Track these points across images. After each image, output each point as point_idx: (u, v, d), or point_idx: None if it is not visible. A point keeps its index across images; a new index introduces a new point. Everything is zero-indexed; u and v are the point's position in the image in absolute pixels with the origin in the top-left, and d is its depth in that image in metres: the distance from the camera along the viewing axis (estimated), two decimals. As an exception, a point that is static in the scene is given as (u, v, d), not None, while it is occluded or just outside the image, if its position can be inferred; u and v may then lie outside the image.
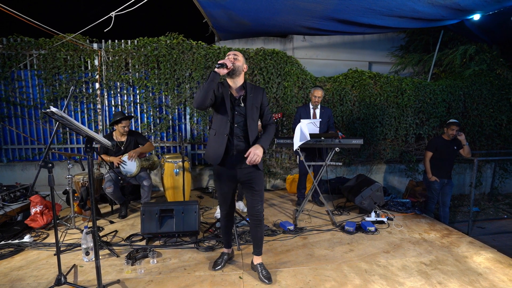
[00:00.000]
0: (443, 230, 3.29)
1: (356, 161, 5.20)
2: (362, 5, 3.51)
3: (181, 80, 4.64)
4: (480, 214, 4.96)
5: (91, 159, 1.79)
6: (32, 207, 3.18)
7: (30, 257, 2.59)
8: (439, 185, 3.90)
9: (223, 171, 2.17)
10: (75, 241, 2.85)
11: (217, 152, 2.11)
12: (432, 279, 2.29)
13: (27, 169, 4.46)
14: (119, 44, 4.52)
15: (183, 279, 2.26)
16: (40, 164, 1.82)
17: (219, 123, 2.11)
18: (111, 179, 3.36)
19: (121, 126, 3.45)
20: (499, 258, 2.63)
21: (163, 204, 2.92)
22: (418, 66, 5.98)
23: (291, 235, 3.05)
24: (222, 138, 2.09)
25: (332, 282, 2.24)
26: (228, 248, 2.50)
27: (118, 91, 4.63)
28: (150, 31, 4.72)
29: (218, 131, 2.11)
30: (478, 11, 3.93)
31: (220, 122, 2.10)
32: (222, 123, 2.10)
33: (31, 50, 4.32)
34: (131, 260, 2.44)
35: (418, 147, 5.34)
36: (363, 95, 4.96)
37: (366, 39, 6.08)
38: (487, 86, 5.23)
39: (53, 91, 4.42)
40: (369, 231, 3.13)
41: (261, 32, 5.00)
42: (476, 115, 5.30)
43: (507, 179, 5.69)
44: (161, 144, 4.82)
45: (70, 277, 2.23)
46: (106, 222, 3.37)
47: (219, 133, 2.11)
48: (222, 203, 2.29)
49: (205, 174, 4.91)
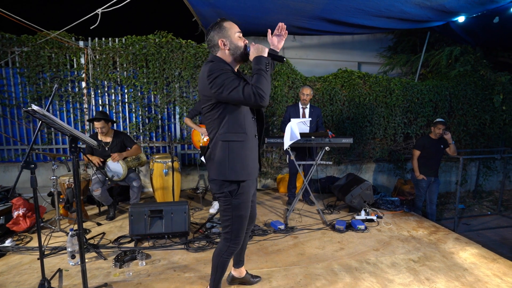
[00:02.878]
0: (431, 227, 3.36)
1: (346, 160, 5.25)
2: (351, 5, 3.55)
3: (170, 79, 4.57)
4: (466, 211, 5.09)
5: (76, 160, 1.74)
6: (14, 210, 3.06)
7: (12, 262, 2.49)
8: (426, 183, 3.97)
9: (252, 184, 1.75)
10: (61, 244, 2.76)
11: (255, 161, 1.73)
12: (420, 275, 2.33)
13: (10, 170, 4.31)
14: (106, 42, 4.42)
15: (173, 280, 2.22)
16: (21, 165, 1.74)
17: (247, 122, 1.66)
18: (99, 181, 3.28)
19: (95, 127, 3.35)
20: (484, 254, 2.70)
21: (152, 205, 2.87)
22: (406, 67, 6.09)
23: (282, 235, 3.05)
24: (254, 142, 1.71)
25: (323, 280, 2.25)
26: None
27: (106, 90, 4.53)
28: (139, 29, 4.63)
29: (248, 133, 1.67)
30: (463, 13, 4.03)
31: (246, 121, 1.65)
32: (248, 122, 1.67)
33: (13, 47, 4.17)
34: (119, 262, 2.39)
35: (406, 146, 5.44)
36: (353, 94, 5.01)
37: (355, 39, 6.14)
38: (472, 87, 5.38)
39: (36, 90, 4.28)
40: (359, 229, 3.16)
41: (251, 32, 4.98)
42: (461, 114, 5.44)
43: (490, 177, 5.86)
44: (150, 144, 4.74)
45: (55, 282, 2.16)
46: (93, 224, 3.29)
47: (250, 135, 1.68)
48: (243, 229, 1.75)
49: (195, 174, 4.86)
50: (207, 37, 1.65)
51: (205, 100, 1.60)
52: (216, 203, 3.77)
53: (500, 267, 2.46)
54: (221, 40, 1.62)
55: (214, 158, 1.64)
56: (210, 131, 1.67)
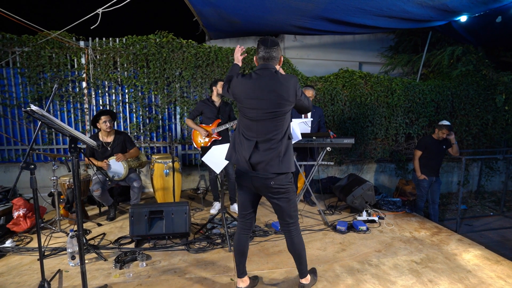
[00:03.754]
0: (433, 228, 3.33)
1: (347, 161, 5.23)
2: (353, 5, 3.53)
3: (171, 79, 4.56)
4: (468, 211, 5.06)
5: (76, 160, 1.72)
6: (14, 210, 3.06)
7: (12, 262, 2.48)
8: (428, 183, 3.95)
9: None
10: (61, 245, 2.75)
11: None
12: (423, 277, 2.31)
13: (10, 171, 4.30)
14: (107, 42, 4.41)
15: (173, 282, 2.20)
16: (21, 165, 1.73)
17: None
18: (99, 182, 3.26)
19: (102, 122, 3.28)
20: (487, 255, 2.68)
21: (152, 206, 2.85)
22: (407, 67, 6.06)
23: (283, 236, 3.01)
24: None
25: (324, 282, 2.23)
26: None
27: (106, 90, 4.52)
28: (139, 29, 4.63)
29: None
30: (465, 12, 4.00)
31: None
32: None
33: (14, 47, 4.16)
34: (120, 263, 2.37)
35: (407, 146, 5.41)
36: (354, 94, 4.99)
37: (356, 39, 6.12)
38: (474, 87, 5.35)
39: (37, 90, 4.27)
40: (360, 230, 3.14)
41: (252, 31, 4.97)
42: (464, 114, 5.41)
43: (493, 177, 5.83)
44: (150, 145, 4.73)
45: (55, 283, 2.15)
46: (94, 225, 3.28)
47: None
48: None
49: (195, 175, 4.84)
50: (275, 50, 1.84)
51: (285, 105, 1.81)
52: (217, 203, 3.76)
53: (504, 269, 2.44)
54: (282, 56, 1.94)
55: (286, 153, 1.83)
56: (278, 130, 1.83)
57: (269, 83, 1.78)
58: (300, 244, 1.99)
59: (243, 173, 1.89)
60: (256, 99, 1.80)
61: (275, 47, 1.83)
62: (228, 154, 1.98)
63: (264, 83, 1.79)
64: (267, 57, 1.83)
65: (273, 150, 1.81)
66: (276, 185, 1.82)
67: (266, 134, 1.82)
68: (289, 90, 1.79)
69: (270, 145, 1.81)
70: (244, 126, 1.88)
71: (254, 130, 1.84)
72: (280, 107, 1.79)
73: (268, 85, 1.78)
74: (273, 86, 1.78)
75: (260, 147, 1.82)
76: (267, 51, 1.82)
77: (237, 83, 1.88)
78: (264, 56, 1.83)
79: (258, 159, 1.81)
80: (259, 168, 1.82)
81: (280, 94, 1.78)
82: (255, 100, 1.80)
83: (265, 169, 1.80)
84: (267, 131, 1.82)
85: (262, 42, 1.83)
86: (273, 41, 1.84)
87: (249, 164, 1.82)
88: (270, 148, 1.81)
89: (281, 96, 1.78)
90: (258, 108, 1.80)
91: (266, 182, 1.82)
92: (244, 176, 1.89)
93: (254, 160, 1.82)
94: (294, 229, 1.97)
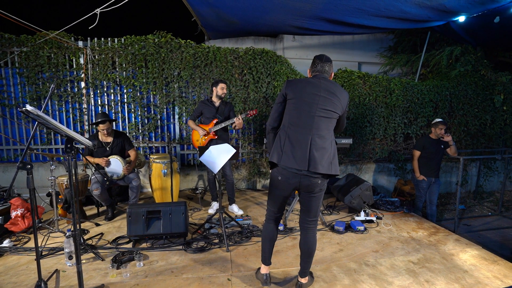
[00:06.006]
0: (431, 228, 3.33)
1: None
2: (351, 5, 3.53)
3: (169, 80, 4.56)
4: (466, 211, 5.06)
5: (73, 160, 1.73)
6: (12, 210, 3.05)
7: (9, 262, 2.48)
8: (426, 184, 3.95)
9: None
10: (58, 245, 2.75)
11: None
12: (420, 278, 2.31)
13: (9, 170, 4.30)
14: (105, 42, 4.41)
15: (170, 282, 2.21)
16: (18, 165, 1.73)
17: None
18: (98, 181, 3.27)
19: (100, 129, 3.34)
20: (484, 255, 2.68)
21: (150, 206, 2.85)
22: (406, 67, 6.07)
23: (280, 236, 3.03)
24: None
25: (321, 282, 2.23)
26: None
27: (105, 90, 4.52)
28: (138, 29, 4.62)
29: None
30: (463, 12, 4.01)
31: None
32: None
33: (12, 47, 4.16)
34: (117, 263, 2.37)
35: (406, 147, 5.41)
36: (353, 95, 4.99)
37: (355, 39, 6.13)
38: (472, 87, 5.35)
39: (36, 90, 4.27)
40: (358, 231, 3.15)
41: (250, 32, 4.97)
42: (462, 115, 5.41)
43: (491, 177, 5.83)
44: (149, 144, 4.73)
45: (52, 283, 2.15)
46: (92, 225, 3.28)
47: None
48: None
49: (194, 175, 4.84)
50: (328, 65, 2.01)
51: (338, 108, 1.94)
52: (215, 203, 3.76)
53: (500, 269, 2.44)
54: (333, 73, 2.09)
55: (334, 157, 1.95)
56: (329, 131, 1.95)
57: (329, 85, 1.93)
58: (314, 243, 2.07)
59: (290, 173, 1.89)
60: (316, 95, 1.90)
61: (329, 63, 2.01)
62: (275, 156, 1.95)
63: (325, 84, 1.93)
64: (321, 71, 2.00)
65: (326, 150, 1.90)
66: (321, 184, 1.93)
67: (319, 130, 1.89)
68: (343, 100, 1.96)
69: (323, 143, 1.89)
70: (296, 124, 1.91)
71: (308, 126, 1.88)
72: (335, 108, 1.92)
73: (328, 86, 1.93)
74: (333, 89, 1.93)
75: (315, 144, 1.87)
76: (321, 65, 1.99)
77: (297, 81, 1.99)
78: (319, 70, 2.00)
79: (315, 155, 1.86)
80: (312, 164, 1.85)
81: (338, 97, 1.93)
82: (315, 96, 1.89)
83: (317, 168, 1.85)
84: (320, 127, 1.90)
85: (318, 58, 2.02)
86: (327, 58, 2.02)
87: (307, 160, 1.85)
88: (324, 148, 1.90)
89: (338, 99, 1.93)
90: (316, 103, 1.89)
91: (315, 181, 1.90)
92: (291, 176, 1.90)
93: (312, 156, 1.86)
94: (313, 226, 2.07)
